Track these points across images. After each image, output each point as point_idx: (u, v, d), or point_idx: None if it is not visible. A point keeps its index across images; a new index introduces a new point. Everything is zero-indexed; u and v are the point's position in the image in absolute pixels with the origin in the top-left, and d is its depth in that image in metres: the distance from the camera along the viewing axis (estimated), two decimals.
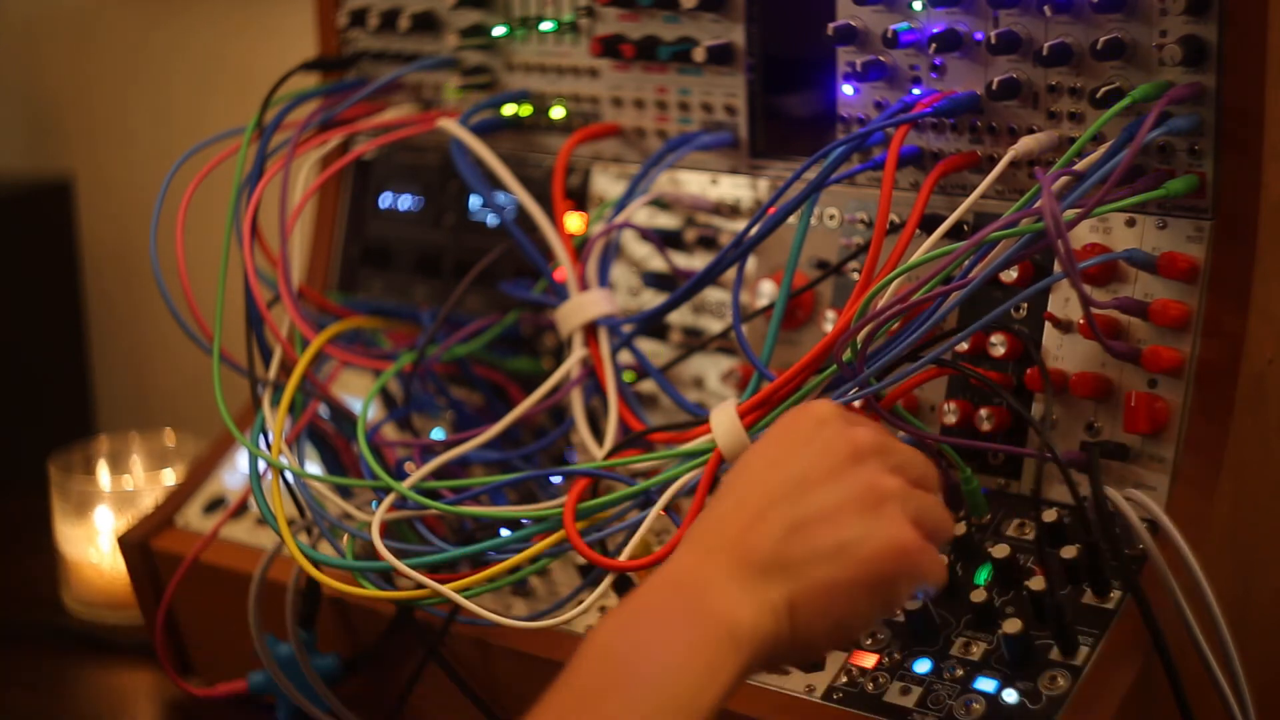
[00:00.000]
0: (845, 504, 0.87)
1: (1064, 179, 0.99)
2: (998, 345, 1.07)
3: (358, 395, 1.33)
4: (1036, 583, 0.97)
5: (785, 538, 0.86)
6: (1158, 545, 0.98)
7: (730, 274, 1.16)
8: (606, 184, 1.29)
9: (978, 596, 1.00)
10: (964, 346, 1.08)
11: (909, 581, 0.88)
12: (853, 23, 1.13)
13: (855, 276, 1.16)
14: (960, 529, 1.03)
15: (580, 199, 1.30)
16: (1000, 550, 1.01)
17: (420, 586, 1.04)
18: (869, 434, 0.91)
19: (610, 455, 1.13)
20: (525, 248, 1.24)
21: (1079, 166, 1.00)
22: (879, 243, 1.04)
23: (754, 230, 1.11)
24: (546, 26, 1.30)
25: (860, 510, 0.87)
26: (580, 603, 1.07)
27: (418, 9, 1.37)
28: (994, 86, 1.07)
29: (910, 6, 1.11)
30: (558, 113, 1.31)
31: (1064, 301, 1.07)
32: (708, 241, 1.24)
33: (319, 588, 1.17)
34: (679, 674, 0.81)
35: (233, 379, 1.19)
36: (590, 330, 1.20)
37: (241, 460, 1.36)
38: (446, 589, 1.03)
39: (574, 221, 1.29)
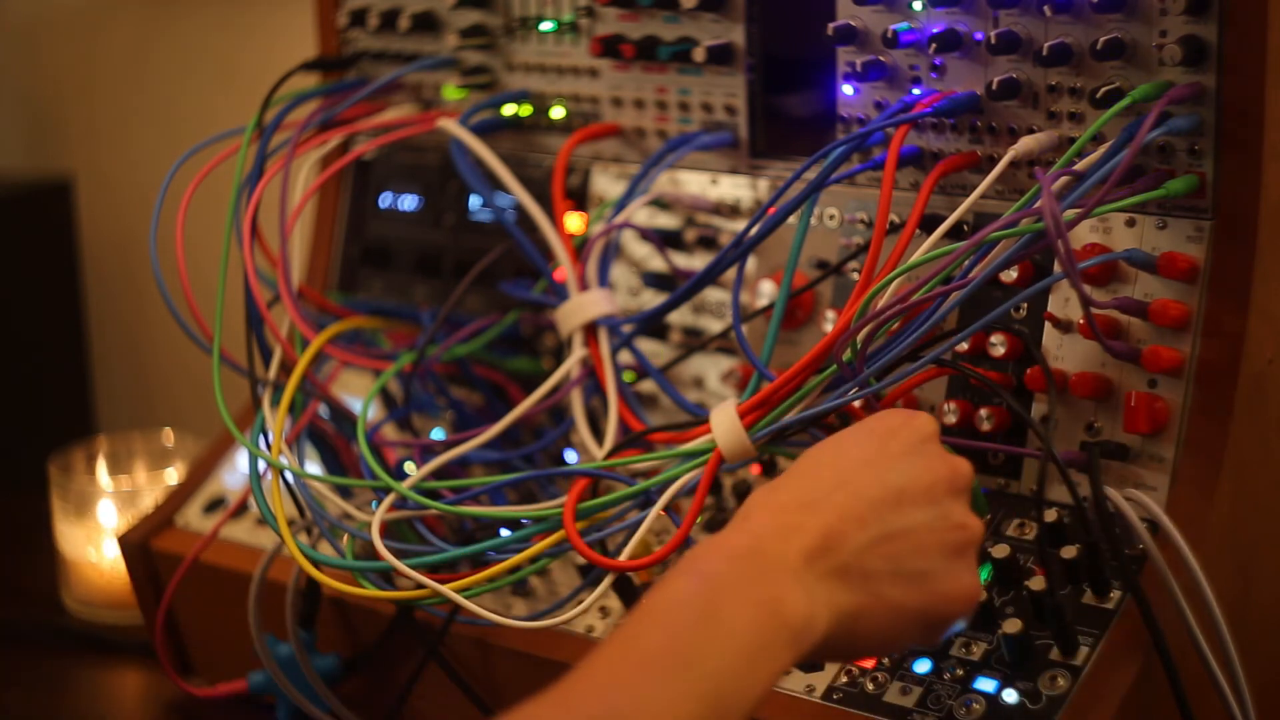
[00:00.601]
0: (937, 532, 0.87)
1: (1064, 179, 0.99)
2: (998, 345, 1.07)
3: (358, 395, 1.33)
4: (1036, 583, 0.97)
5: (873, 544, 0.85)
6: (1158, 545, 0.98)
7: (730, 274, 1.16)
8: (606, 184, 1.29)
9: None
10: (964, 346, 1.08)
11: (958, 623, 0.89)
12: (853, 23, 1.13)
13: (855, 276, 1.16)
14: None
15: (580, 199, 1.30)
16: (1000, 550, 1.01)
17: (420, 586, 1.04)
18: (967, 468, 0.90)
19: (610, 455, 1.13)
20: (525, 248, 1.24)
21: (1079, 166, 1.00)
22: (879, 243, 1.04)
23: (754, 230, 1.11)
24: (546, 26, 1.30)
25: (948, 545, 0.87)
26: (580, 603, 1.07)
27: (418, 9, 1.37)
28: (994, 86, 1.07)
29: (910, 6, 1.11)
30: (558, 113, 1.31)
31: (1064, 301, 1.07)
32: (708, 241, 1.24)
33: (319, 588, 1.17)
34: (732, 663, 0.78)
35: (233, 379, 1.19)
36: (590, 330, 1.20)
37: (241, 460, 1.37)
38: (446, 589, 1.03)
39: (574, 221, 1.29)
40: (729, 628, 0.79)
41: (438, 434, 1.30)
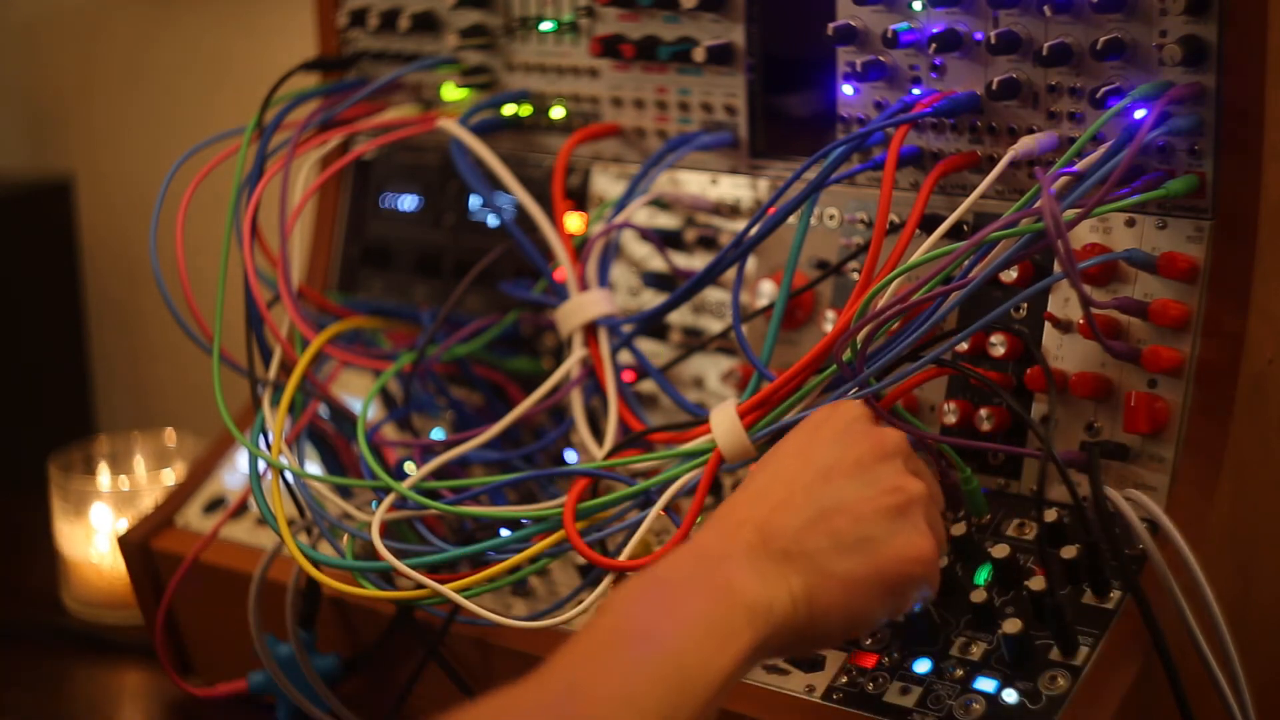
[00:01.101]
0: (870, 499, 0.90)
1: (1064, 179, 0.99)
2: (998, 345, 1.07)
3: (358, 395, 1.33)
4: (1036, 583, 0.97)
5: (809, 524, 0.88)
6: (1158, 545, 0.98)
7: (730, 274, 1.16)
8: (606, 184, 1.29)
9: (978, 596, 1.00)
10: (964, 346, 1.08)
11: (919, 587, 0.90)
12: (853, 23, 1.13)
13: (855, 276, 1.16)
14: (960, 529, 1.03)
15: (580, 199, 1.30)
16: (1000, 550, 1.01)
17: (420, 586, 1.04)
18: (895, 435, 0.94)
19: (610, 455, 1.13)
20: (525, 248, 1.24)
21: (1079, 166, 1.00)
22: (879, 243, 1.04)
23: (754, 230, 1.11)
24: (546, 26, 1.30)
25: (885, 509, 0.90)
26: (580, 603, 1.07)
27: (418, 9, 1.37)
28: (994, 86, 1.07)
29: (910, 6, 1.11)
30: (557, 113, 1.31)
31: (1064, 301, 1.07)
32: (708, 241, 1.24)
33: (319, 588, 1.17)
34: (690, 640, 0.81)
35: (233, 379, 1.19)
36: (590, 330, 1.20)
37: (241, 460, 1.36)
38: (446, 589, 1.03)
39: (574, 221, 1.29)
40: (685, 611, 0.83)
41: (438, 434, 1.30)
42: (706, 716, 0.81)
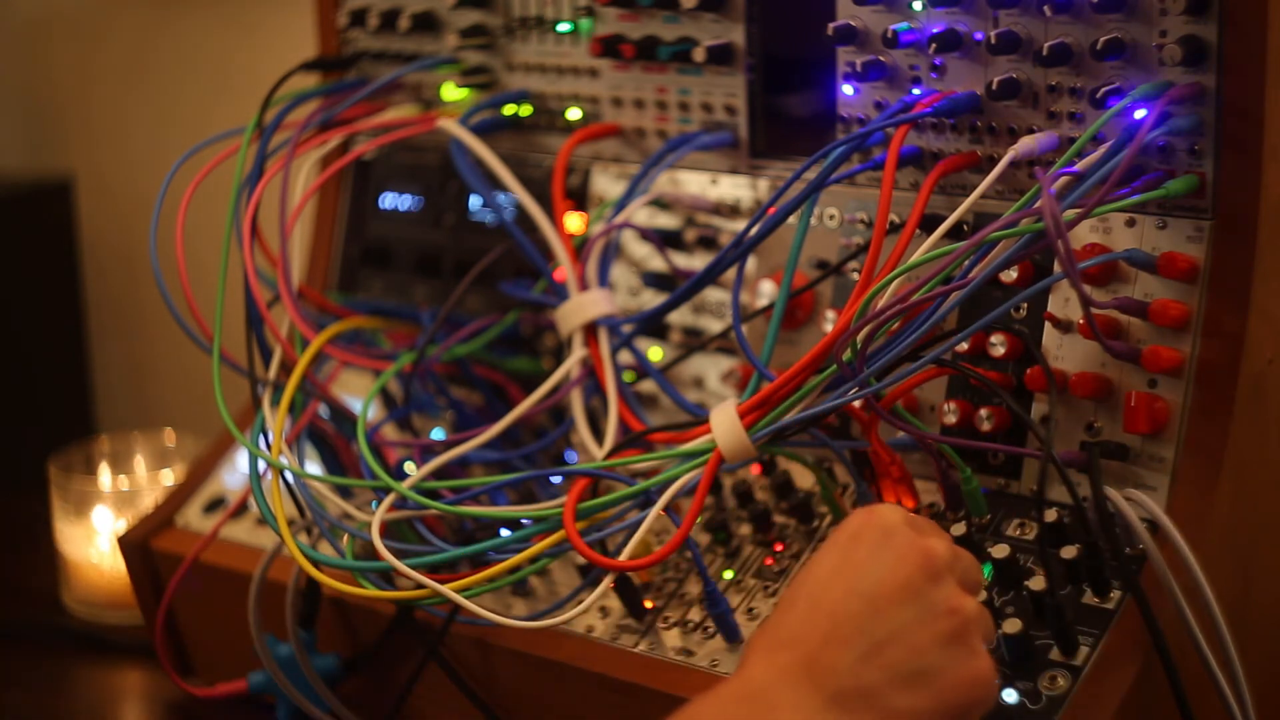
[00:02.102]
0: (925, 626, 0.83)
1: (1064, 179, 0.99)
2: (998, 345, 1.07)
3: (358, 395, 1.33)
4: (1036, 583, 0.97)
5: (862, 660, 0.82)
6: (1158, 545, 0.98)
7: (730, 274, 1.16)
8: (606, 184, 1.29)
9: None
10: (964, 346, 1.08)
11: (981, 711, 0.85)
12: (853, 23, 1.13)
13: (855, 276, 1.16)
14: (960, 529, 1.03)
15: (580, 199, 1.30)
16: (1000, 550, 1.01)
17: (420, 586, 1.04)
18: (941, 546, 0.86)
19: (610, 455, 1.13)
20: (525, 248, 1.24)
21: (1079, 166, 1.00)
22: (879, 243, 1.04)
23: (754, 230, 1.11)
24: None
25: (942, 635, 0.83)
26: (580, 603, 1.07)
27: (418, 9, 1.37)
28: (994, 86, 1.07)
29: (910, 6, 1.11)
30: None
31: (1064, 301, 1.07)
32: (708, 241, 1.24)
33: (319, 588, 1.17)
34: None
35: (233, 379, 1.19)
36: (590, 330, 1.20)
37: (241, 460, 1.36)
38: (446, 589, 1.03)
39: (574, 221, 1.29)
40: None
41: (438, 434, 1.30)
42: None
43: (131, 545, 1.33)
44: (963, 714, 0.83)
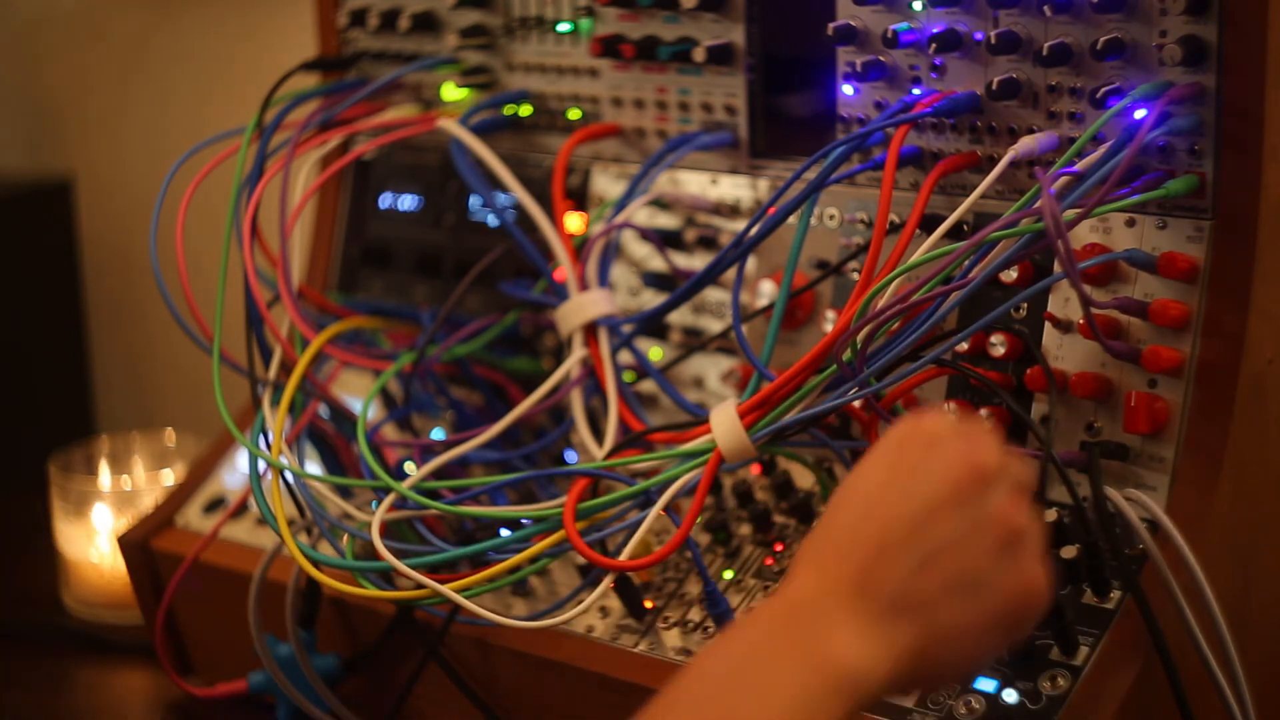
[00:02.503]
0: (977, 538, 0.80)
1: (1064, 179, 0.99)
2: (998, 345, 1.07)
3: (358, 395, 1.33)
4: None
5: (915, 573, 0.79)
6: (1158, 545, 0.98)
7: (730, 274, 1.16)
8: (606, 184, 1.29)
9: None
10: (964, 346, 1.08)
11: (1034, 619, 0.83)
12: (853, 23, 1.13)
13: (855, 276, 1.16)
14: None
15: (580, 199, 1.30)
16: None
17: (420, 586, 1.04)
18: (989, 453, 0.83)
19: (610, 455, 1.13)
20: (525, 248, 1.24)
21: (1079, 166, 1.00)
22: (879, 243, 1.04)
23: (754, 230, 1.11)
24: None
25: (994, 546, 0.81)
26: (580, 603, 1.07)
27: (418, 9, 1.37)
28: (994, 86, 1.07)
29: (910, 6, 1.11)
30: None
31: (1064, 301, 1.07)
32: (708, 241, 1.24)
33: (319, 588, 1.17)
34: (777, 712, 0.75)
35: (233, 379, 1.19)
36: (590, 330, 1.20)
37: (241, 460, 1.36)
38: (446, 589, 1.03)
39: (574, 221, 1.29)
40: (771, 686, 0.76)
41: (438, 434, 1.30)
42: None
43: (131, 545, 1.33)
44: (1016, 623, 0.82)
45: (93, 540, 1.49)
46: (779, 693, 0.76)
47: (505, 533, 1.12)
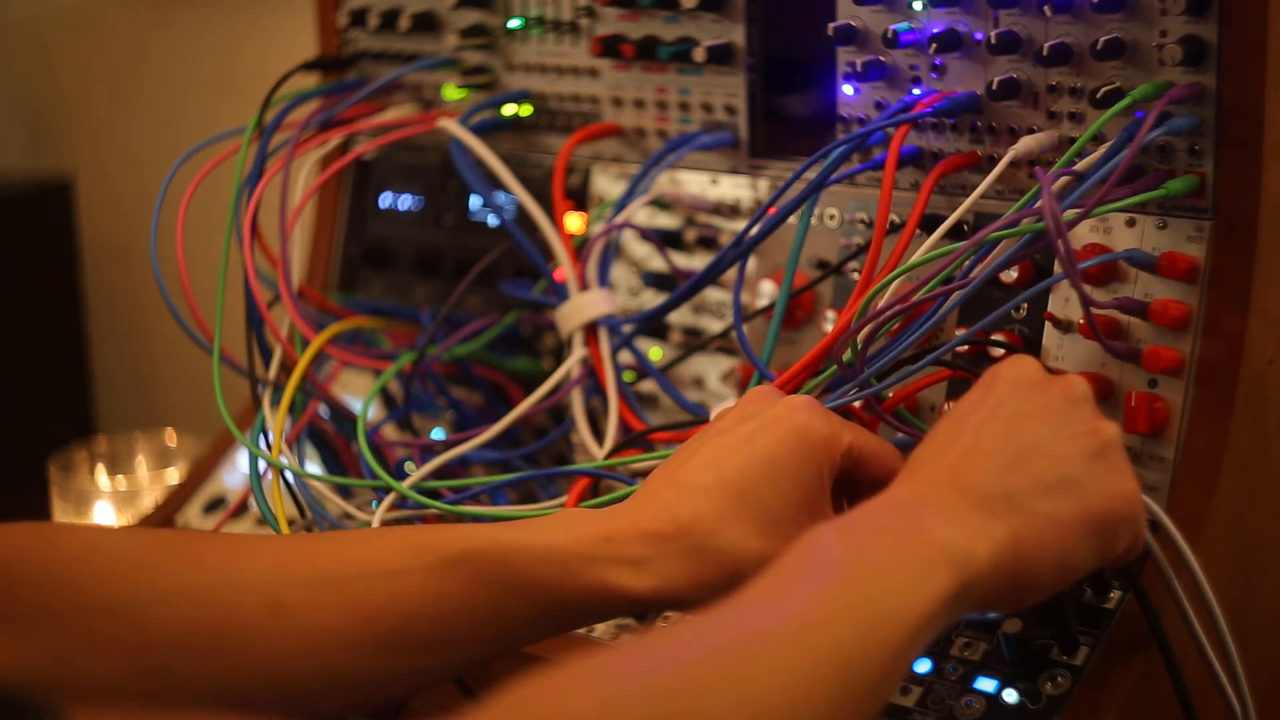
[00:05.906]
0: (1068, 442, 0.84)
1: (1064, 179, 0.99)
2: (998, 346, 1.07)
3: (358, 395, 1.33)
4: None
5: (1006, 468, 0.82)
6: (1158, 545, 0.98)
7: (730, 274, 1.16)
8: (606, 184, 1.29)
9: None
10: (964, 347, 1.08)
11: (1128, 530, 0.85)
12: (853, 23, 1.13)
13: (855, 276, 1.16)
14: None
15: (580, 199, 1.30)
16: None
17: None
18: (1080, 381, 0.87)
19: (610, 455, 1.13)
20: (525, 248, 1.24)
21: (1079, 166, 1.00)
22: (879, 243, 1.04)
23: (754, 230, 1.11)
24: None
25: (1084, 450, 0.84)
26: None
27: (418, 9, 1.37)
28: (994, 86, 1.07)
29: (910, 6, 1.11)
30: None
31: (1064, 301, 1.07)
32: (708, 241, 1.24)
33: None
34: (880, 575, 0.75)
35: (233, 379, 1.19)
36: (590, 330, 1.20)
37: (241, 460, 1.36)
38: None
39: (574, 221, 1.29)
40: (876, 549, 0.76)
41: (438, 434, 1.30)
42: (901, 667, 0.74)
43: None
44: (1109, 527, 0.83)
45: None
46: (885, 556, 0.76)
47: None
